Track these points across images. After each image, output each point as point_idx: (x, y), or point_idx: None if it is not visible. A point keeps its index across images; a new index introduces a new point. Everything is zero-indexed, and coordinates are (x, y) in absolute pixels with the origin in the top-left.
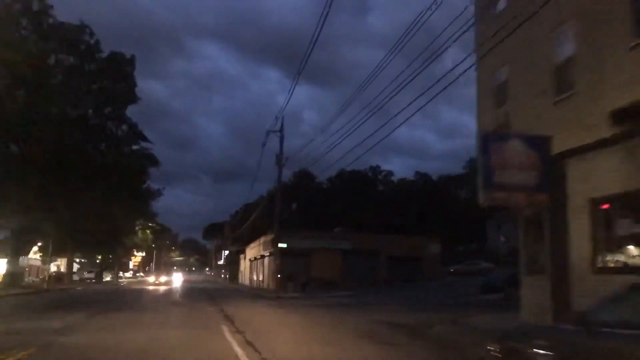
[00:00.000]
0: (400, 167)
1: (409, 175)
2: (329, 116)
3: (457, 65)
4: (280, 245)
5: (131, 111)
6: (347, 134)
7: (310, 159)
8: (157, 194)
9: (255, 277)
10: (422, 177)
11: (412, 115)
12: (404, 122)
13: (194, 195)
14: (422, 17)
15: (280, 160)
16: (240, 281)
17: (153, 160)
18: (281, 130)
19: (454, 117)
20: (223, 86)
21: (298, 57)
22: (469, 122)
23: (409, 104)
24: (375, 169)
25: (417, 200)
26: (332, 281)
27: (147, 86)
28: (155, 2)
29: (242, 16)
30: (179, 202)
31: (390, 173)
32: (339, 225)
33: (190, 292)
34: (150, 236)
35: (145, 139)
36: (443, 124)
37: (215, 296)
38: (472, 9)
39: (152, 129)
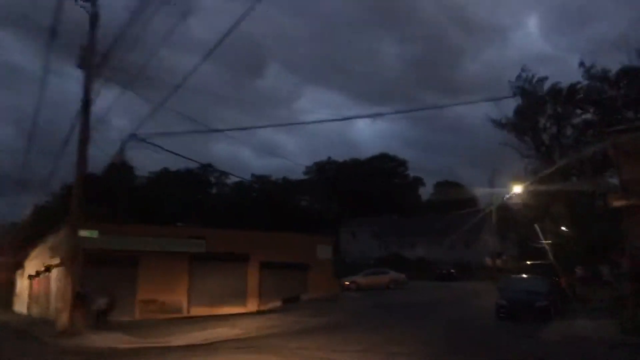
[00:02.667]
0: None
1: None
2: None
3: None
4: (83, 233)
5: None
6: None
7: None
8: None
9: (39, 302)
10: (260, 180)
11: None
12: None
13: None
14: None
15: (88, 53)
16: (16, 309)
17: None
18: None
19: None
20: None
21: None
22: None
23: None
24: (207, 167)
25: (256, 203)
26: (173, 305)
27: None
28: None
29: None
30: None
31: (225, 174)
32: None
33: None
34: None
35: None
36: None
37: None
38: None
39: None
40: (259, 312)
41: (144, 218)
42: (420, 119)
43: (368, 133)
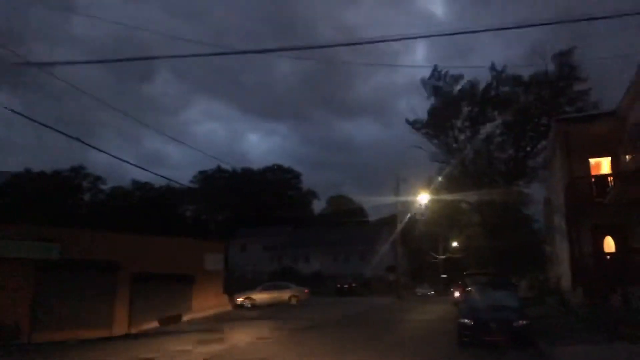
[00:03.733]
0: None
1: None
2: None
3: None
4: None
5: None
6: None
7: None
8: None
9: None
10: (142, 187)
11: None
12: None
13: None
14: None
15: None
16: None
17: None
18: None
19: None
20: None
21: None
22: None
23: None
24: (79, 170)
25: (135, 211)
26: (7, 329)
27: None
28: None
29: None
30: None
31: (100, 179)
32: None
33: None
34: None
35: None
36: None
37: None
38: None
39: None
40: (128, 336)
41: None
42: (312, 136)
43: (260, 146)
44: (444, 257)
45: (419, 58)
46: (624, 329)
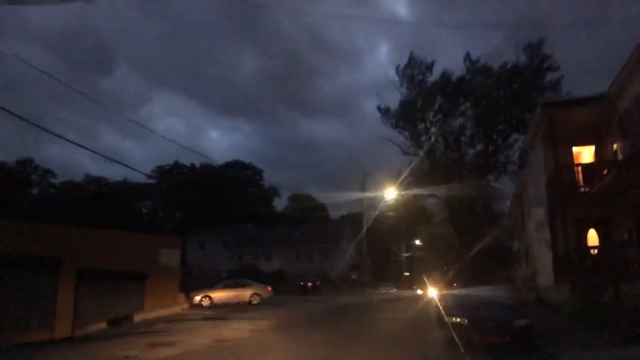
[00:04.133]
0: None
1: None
2: None
3: None
4: None
5: None
6: None
7: None
8: None
9: None
10: (96, 182)
11: None
12: None
13: None
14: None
15: None
16: None
17: None
18: None
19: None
20: None
21: None
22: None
23: None
24: (27, 163)
25: (87, 205)
26: None
27: None
28: None
29: None
30: None
31: (50, 172)
32: None
33: None
34: None
35: None
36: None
37: None
38: None
39: None
40: (70, 340)
41: None
42: (276, 134)
43: (221, 143)
44: (407, 255)
45: (382, 57)
46: (636, 329)
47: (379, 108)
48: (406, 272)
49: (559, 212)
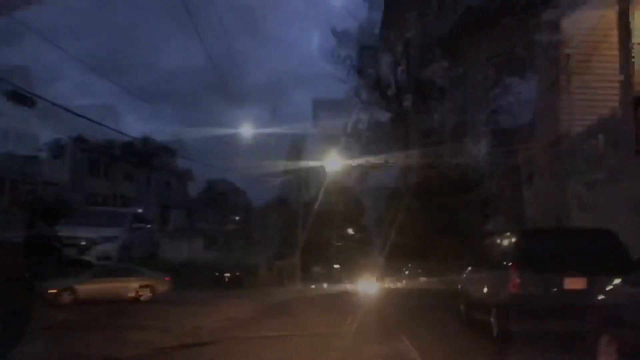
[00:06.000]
0: None
1: None
2: None
3: None
4: None
5: None
6: None
7: None
8: None
9: None
10: None
11: None
12: None
13: None
14: None
15: None
16: None
17: None
18: None
19: None
20: None
21: None
22: None
23: None
24: None
25: None
26: None
27: None
28: None
29: None
30: None
31: None
32: None
33: None
34: None
35: None
36: None
37: None
38: None
39: None
40: None
41: None
42: (198, 120)
43: (139, 127)
44: (340, 244)
45: (314, 47)
46: None
47: (333, 32)
48: (336, 264)
49: None
